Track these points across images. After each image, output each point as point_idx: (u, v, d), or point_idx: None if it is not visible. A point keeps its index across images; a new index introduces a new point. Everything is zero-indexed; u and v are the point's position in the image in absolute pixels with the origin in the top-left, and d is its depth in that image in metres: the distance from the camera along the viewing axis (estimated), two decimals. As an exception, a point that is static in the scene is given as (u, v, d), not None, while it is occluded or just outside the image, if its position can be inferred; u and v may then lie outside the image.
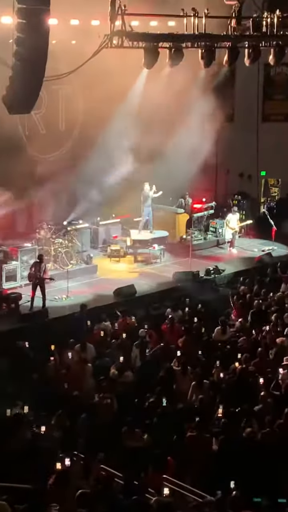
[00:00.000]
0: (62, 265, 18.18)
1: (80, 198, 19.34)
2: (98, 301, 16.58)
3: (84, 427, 10.16)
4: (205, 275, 18.55)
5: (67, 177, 19.08)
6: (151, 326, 14.30)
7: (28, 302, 15.97)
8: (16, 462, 8.76)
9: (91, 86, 19.96)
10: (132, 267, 19.44)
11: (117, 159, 19.83)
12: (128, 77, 19.64)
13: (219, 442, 9.54)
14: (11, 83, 12.47)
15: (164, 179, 20.38)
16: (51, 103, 19.64)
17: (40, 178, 18.78)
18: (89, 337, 13.89)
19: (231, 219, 21.08)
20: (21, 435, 9.52)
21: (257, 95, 22.76)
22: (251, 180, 23.78)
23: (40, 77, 12.30)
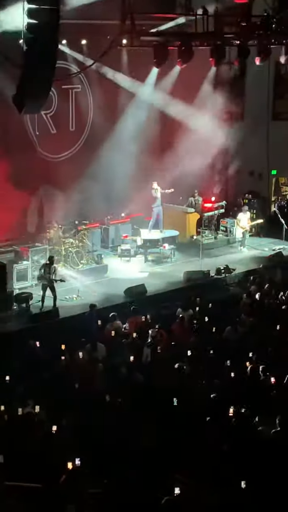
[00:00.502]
0: (72, 264, 18.20)
1: (91, 197, 19.35)
2: (109, 301, 16.58)
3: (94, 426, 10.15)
4: (216, 274, 18.52)
5: (77, 177, 19.11)
6: (162, 326, 14.28)
7: (39, 302, 16.02)
8: (27, 462, 8.77)
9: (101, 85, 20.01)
10: (142, 267, 19.43)
11: (127, 158, 19.83)
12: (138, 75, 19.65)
13: (230, 442, 9.51)
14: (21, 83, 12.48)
15: (174, 178, 20.36)
16: (61, 103, 19.68)
17: (50, 178, 18.81)
18: (100, 336, 13.90)
19: (242, 218, 21.06)
20: (32, 434, 9.53)
21: (267, 93, 22.67)
22: (261, 179, 23.70)
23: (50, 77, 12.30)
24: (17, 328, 15.05)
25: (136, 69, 19.80)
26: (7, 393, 11.08)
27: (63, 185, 18.90)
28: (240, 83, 22.57)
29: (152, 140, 20.90)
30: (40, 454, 8.95)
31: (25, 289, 16.79)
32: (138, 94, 20.44)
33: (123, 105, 20.63)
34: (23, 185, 17.57)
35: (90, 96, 20.63)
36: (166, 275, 18.74)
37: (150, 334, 13.66)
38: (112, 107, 20.54)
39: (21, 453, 9.02)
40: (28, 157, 18.09)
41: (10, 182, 17.33)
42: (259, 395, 11.04)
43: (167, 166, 20.36)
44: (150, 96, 20.43)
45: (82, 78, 19.96)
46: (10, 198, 17.48)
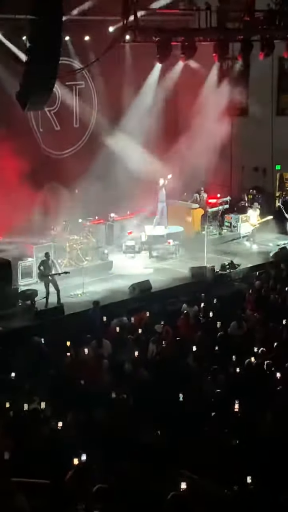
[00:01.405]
0: (77, 261, 18.21)
1: (95, 194, 19.36)
2: (114, 297, 16.59)
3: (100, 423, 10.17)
4: (221, 270, 18.52)
5: (82, 173, 19.11)
6: (167, 322, 14.29)
7: (43, 298, 16.04)
8: (34, 458, 8.79)
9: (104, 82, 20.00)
10: (147, 263, 19.43)
11: (132, 154, 19.82)
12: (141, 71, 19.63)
13: (235, 437, 9.52)
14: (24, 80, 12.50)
15: (178, 174, 20.34)
16: (65, 99, 19.67)
17: (54, 174, 18.82)
18: (105, 333, 13.91)
19: (252, 215, 20.97)
20: (38, 430, 9.56)
21: (271, 88, 22.61)
22: (266, 175, 23.66)
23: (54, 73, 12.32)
24: (22, 325, 15.07)
25: (140, 64, 19.77)
26: (12, 390, 11.10)
27: (67, 182, 18.92)
28: (244, 79, 22.51)
29: (156, 136, 20.87)
30: (46, 450, 8.98)
31: (30, 286, 16.81)
32: (142, 90, 20.42)
33: (127, 101, 20.61)
34: (28, 182, 17.58)
35: (94, 93, 20.63)
36: (171, 271, 18.73)
37: (156, 330, 13.67)
38: (116, 103, 20.53)
39: (27, 450, 9.04)
40: (32, 154, 18.10)
41: (14, 179, 17.34)
42: (265, 391, 11.04)
43: (172, 162, 20.34)
44: (153, 92, 20.40)
45: (85, 75, 19.96)
46: (14, 195, 17.50)
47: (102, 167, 19.30)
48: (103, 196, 19.53)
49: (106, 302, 15.95)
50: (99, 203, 19.71)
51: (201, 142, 20.13)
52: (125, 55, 19.53)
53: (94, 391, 11.25)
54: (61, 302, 16.06)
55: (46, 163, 18.89)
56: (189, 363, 12.29)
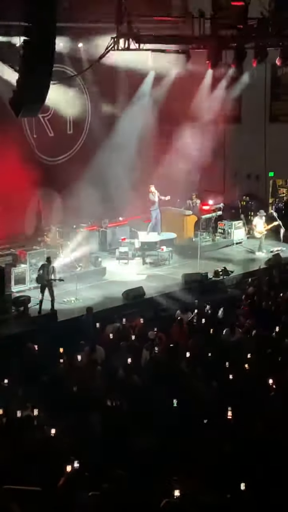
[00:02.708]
0: (70, 267, 18.19)
1: (88, 200, 19.38)
2: (107, 304, 16.58)
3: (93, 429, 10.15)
4: (214, 276, 18.54)
5: (75, 180, 19.13)
6: (160, 328, 14.29)
7: (37, 305, 16.02)
8: (26, 464, 8.77)
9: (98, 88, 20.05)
10: (140, 269, 19.44)
11: (125, 161, 19.85)
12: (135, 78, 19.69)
13: (228, 444, 9.52)
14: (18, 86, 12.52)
15: (172, 181, 20.38)
16: (59, 106, 19.69)
17: (48, 181, 18.83)
18: (99, 339, 13.90)
19: (258, 223, 20.94)
20: (31, 437, 9.53)
21: (264, 95, 22.71)
22: (259, 181, 23.74)
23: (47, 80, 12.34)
24: (16, 331, 15.04)
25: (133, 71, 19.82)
26: (5, 396, 11.07)
27: (61, 188, 18.93)
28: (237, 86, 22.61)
29: (150, 143, 20.93)
30: (39, 457, 8.95)
31: (23, 292, 16.78)
32: (135, 97, 20.47)
33: (120, 108, 20.66)
34: (21, 188, 17.59)
35: (88, 99, 20.66)
36: (164, 278, 18.75)
37: (149, 336, 13.67)
38: (109, 109, 20.58)
39: (19, 456, 9.02)
40: (26, 160, 18.11)
41: (8, 185, 17.34)
42: (257, 397, 11.05)
43: (165, 169, 20.39)
44: (147, 98, 20.46)
45: (79, 81, 20.00)
46: (8, 201, 17.50)
47: (95, 174, 19.32)
48: (96, 203, 19.55)
49: (99, 308, 15.95)
50: (92, 209, 19.73)
51: (194, 149, 20.19)
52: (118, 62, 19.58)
53: (88, 397, 11.23)
54: (55, 308, 16.04)
55: (39, 170, 18.89)
56: (182, 369, 12.29)
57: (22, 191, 17.68)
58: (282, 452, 9.38)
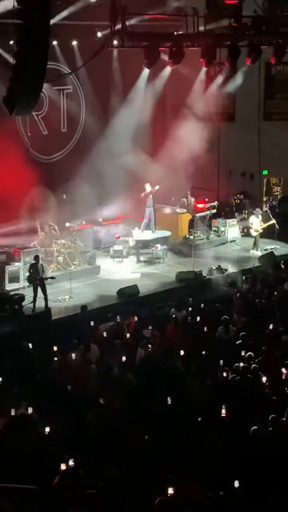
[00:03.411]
0: (65, 266, 18.19)
1: (83, 198, 19.36)
2: (101, 302, 16.58)
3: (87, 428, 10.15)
4: (208, 274, 18.55)
5: (70, 178, 19.11)
6: (155, 326, 14.30)
7: (31, 303, 16.00)
8: (21, 463, 8.76)
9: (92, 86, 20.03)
10: (135, 267, 19.44)
11: (119, 159, 19.84)
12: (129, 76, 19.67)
13: (222, 442, 9.53)
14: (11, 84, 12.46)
15: (166, 179, 20.38)
16: (53, 104, 19.67)
17: (42, 179, 18.80)
18: (93, 337, 13.90)
19: (254, 221, 20.93)
20: (26, 435, 9.52)
21: (258, 94, 22.73)
22: (253, 179, 23.76)
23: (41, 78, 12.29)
24: (10, 329, 15.01)
25: (128, 69, 19.81)
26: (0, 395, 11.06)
27: (55, 186, 18.90)
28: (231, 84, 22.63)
29: (144, 141, 20.93)
30: (33, 455, 8.94)
31: (17, 290, 16.76)
32: (130, 95, 20.45)
33: (114, 106, 20.64)
34: (15, 186, 17.55)
35: (82, 97, 20.64)
36: (158, 276, 18.76)
37: (144, 334, 13.67)
38: (103, 108, 20.56)
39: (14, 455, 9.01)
40: (20, 158, 18.07)
41: (2, 183, 17.29)
42: (252, 395, 11.07)
43: (159, 167, 20.38)
44: (141, 97, 20.44)
45: (73, 79, 19.97)
46: (2, 199, 17.45)
47: (90, 172, 19.30)
48: (91, 201, 19.54)
49: (93, 306, 15.94)
50: (87, 207, 19.72)
51: (188, 147, 20.19)
52: (113, 60, 19.57)
53: (82, 395, 11.23)
54: (49, 306, 16.03)
55: (33, 168, 18.85)
56: (177, 367, 12.30)
57: (15, 189, 17.63)
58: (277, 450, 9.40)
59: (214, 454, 9.44)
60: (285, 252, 20.79)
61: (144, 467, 8.93)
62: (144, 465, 8.99)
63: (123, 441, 9.77)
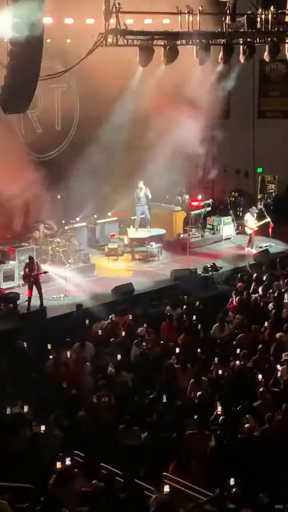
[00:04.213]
0: (59, 264, 18.17)
1: (77, 196, 19.34)
2: (96, 300, 16.57)
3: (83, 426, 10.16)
4: (203, 272, 18.56)
5: (64, 176, 19.08)
6: (150, 324, 14.31)
7: (25, 301, 15.98)
8: (17, 462, 8.77)
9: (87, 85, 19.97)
10: (129, 265, 19.43)
11: (114, 157, 19.82)
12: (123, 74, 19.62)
13: (218, 439, 9.56)
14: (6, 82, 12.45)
15: (161, 177, 20.37)
16: (47, 102, 19.62)
17: (36, 177, 18.76)
18: (88, 335, 13.90)
19: (249, 219, 20.95)
20: (21, 434, 9.53)
21: (252, 91, 22.75)
22: (247, 177, 23.78)
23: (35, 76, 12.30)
24: (5, 328, 14.99)
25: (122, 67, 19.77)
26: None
27: (49, 184, 18.86)
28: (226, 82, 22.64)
29: (138, 139, 20.87)
30: (29, 454, 8.96)
31: (12, 289, 16.74)
32: (124, 93, 20.42)
33: (109, 104, 20.60)
34: (9, 185, 17.51)
35: (76, 95, 20.61)
36: (153, 274, 18.75)
37: (139, 332, 13.68)
38: (98, 106, 20.51)
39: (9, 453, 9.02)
40: (14, 156, 18.03)
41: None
42: (247, 392, 11.10)
43: (154, 164, 20.36)
44: (136, 94, 20.41)
45: (67, 77, 19.91)
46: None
47: (84, 170, 19.27)
48: (85, 199, 19.51)
49: (88, 304, 15.93)
50: (81, 206, 19.69)
51: (183, 145, 20.18)
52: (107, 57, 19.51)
53: (77, 394, 11.24)
54: (44, 305, 16.02)
55: (28, 166, 18.81)
56: (172, 365, 12.32)
57: (10, 187, 17.60)
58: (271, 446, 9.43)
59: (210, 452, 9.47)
60: (279, 250, 20.82)
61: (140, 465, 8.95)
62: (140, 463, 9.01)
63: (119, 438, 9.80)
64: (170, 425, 10.09)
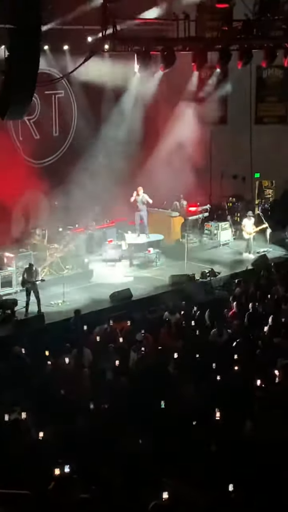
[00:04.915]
0: (57, 270, 18.16)
1: (75, 202, 19.35)
2: (95, 306, 16.56)
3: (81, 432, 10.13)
4: (201, 278, 18.57)
5: (62, 182, 19.10)
6: (148, 330, 14.29)
7: (23, 308, 15.98)
8: (15, 468, 8.74)
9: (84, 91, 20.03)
10: (128, 271, 19.44)
11: (112, 163, 19.85)
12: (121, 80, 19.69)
13: (217, 445, 9.54)
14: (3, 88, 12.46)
15: (158, 182, 20.40)
16: (45, 108, 19.67)
17: (34, 183, 18.78)
18: (86, 341, 13.89)
19: (247, 224, 20.96)
20: (19, 440, 9.50)
21: (249, 97, 22.81)
22: (245, 182, 23.82)
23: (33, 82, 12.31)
24: (2, 334, 14.98)
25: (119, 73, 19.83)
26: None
27: (47, 191, 18.88)
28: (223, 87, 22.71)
29: (136, 144, 20.93)
30: (27, 461, 8.93)
31: (10, 295, 16.73)
32: (122, 99, 20.47)
33: (107, 110, 20.65)
34: (7, 191, 17.53)
35: (74, 102, 20.64)
36: (151, 279, 18.76)
37: (137, 338, 13.67)
38: (96, 112, 20.57)
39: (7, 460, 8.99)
40: (12, 163, 18.06)
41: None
42: (245, 398, 11.08)
43: (152, 170, 20.40)
44: (133, 100, 20.46)
45: (65, 84, 19.97)
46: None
47: (82, 176, 19.30)
48: (83, 205, 19.52)
49: (86, 310, 15.93)
50: (79, 212, 19.70)
51: (180, 150, 20.22)
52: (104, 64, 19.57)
53: (75, 400, 11.21)
54: (42, 311, 16.02)
55: (26, 172, 18.84)
56: (170, 371, 12.30)
57: (8, 193, 17.62)
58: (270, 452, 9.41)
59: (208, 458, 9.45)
60: (277, 255, 20.85)
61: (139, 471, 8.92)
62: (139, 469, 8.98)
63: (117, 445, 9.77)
64: (169, 431, 10.06)
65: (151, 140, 21.43)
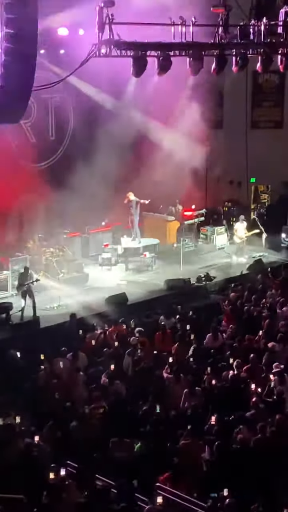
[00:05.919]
0: (53, 274, 18.14)
1: (71, 206, 19.33)
2: (90, 310, 16.54)
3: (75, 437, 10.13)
4: (196, 282, 18.57)
5: (58, 186, 19.08)
6: (143, 334, 14.29)
7: (19, 311, 15.96)
8: (9, 473, 8.72)
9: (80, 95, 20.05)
10: (123, 275, 19.43)
11: (108, 167, 19.84)
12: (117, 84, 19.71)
13: (212, 449, 9.54)
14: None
15: (154, 187, 20.40)
16: (41, 112, 19.67)
17: (30, 187, 18.77)
18: (81, 346, 13.88)
19: (239, 228, 20.96)
20: (14, 445, 9.49)
21: (245, 102, 22.85)
22: (241, 187, 23.85)
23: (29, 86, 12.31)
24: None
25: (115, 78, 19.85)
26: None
27: (43, 194, 18.87)
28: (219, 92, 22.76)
29: (132, 149, 20.93)
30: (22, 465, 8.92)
31: (5, 299, 16.71)
32: (118, 103, 20.49)
33: (102, 113, 20.66)
34: (3, 195, 17.51)
35: (70, 106, 20.66)
36: (147, 284, 18.75)
37: (131, 342, 13.67)
38: (92, 116, 20.57)
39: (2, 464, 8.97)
40: (7, 166, 18.03)
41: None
42: (240, 403, 11.09)
43: (147, 174, 20.40)
44: (129, 104, 20.48)
45: (61, 88, 19.95)
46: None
47: (78, 180, 19.28)
48: (79, 209, 19.50)
49: (82, 314, 15.91)
50: (75, 216, 19.68)
51: (176, 155, 20.23)
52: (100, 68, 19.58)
53: (70, 404, 11.20)
54: (37, 314, 16.00)
55: (21, 176, 18.83)
56: (165, 375, 12.30)
57: (3, 197, 17.60)
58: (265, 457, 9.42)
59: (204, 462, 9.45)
60: (272, 259, 20.87)
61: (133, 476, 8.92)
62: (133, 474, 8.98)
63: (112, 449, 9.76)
64: (164, 436, 10.06)
65: (147, 144, 21.44)
